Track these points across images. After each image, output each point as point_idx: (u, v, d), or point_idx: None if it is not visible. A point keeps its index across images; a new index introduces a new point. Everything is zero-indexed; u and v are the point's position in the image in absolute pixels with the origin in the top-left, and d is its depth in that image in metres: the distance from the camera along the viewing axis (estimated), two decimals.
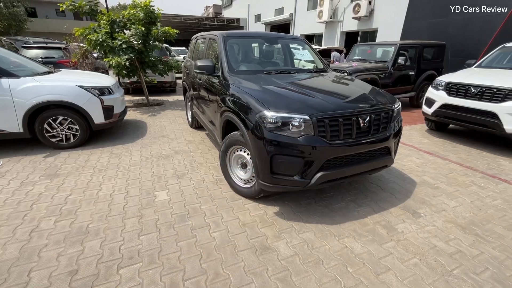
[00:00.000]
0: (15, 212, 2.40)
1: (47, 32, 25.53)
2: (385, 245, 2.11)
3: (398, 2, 11.45)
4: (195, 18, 26.77)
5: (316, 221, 2.38)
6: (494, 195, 2.87)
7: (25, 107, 3.50)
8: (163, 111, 6.40)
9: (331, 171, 2.20)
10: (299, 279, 1.77)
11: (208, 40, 3.81)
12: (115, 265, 1.84)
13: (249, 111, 2.30)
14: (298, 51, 4.06)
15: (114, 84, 4.37)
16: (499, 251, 2.06)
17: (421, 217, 2.46)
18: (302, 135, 2.10)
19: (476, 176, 3.30)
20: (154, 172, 3.25)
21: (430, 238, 2.19)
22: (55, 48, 7.61)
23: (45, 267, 1.81)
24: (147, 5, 5.79)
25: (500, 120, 3.72)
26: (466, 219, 2.45)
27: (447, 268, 1.88)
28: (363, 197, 2.79)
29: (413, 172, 3.39)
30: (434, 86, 4.74)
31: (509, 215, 2.52)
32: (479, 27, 8.22)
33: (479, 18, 8.23)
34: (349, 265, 1.90)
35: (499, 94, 3.77)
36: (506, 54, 4.93)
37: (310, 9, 18.09)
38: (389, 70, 6.36)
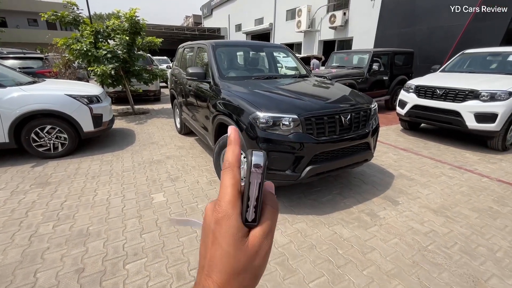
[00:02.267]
0: (10, 219, 2.40)
1: (17, 43, 24.48)
2: (370, 229, 2.34)
3: (369, 13, 12.31)
4: (176, 28, 26.85)
5: (307, 213, 2.58)
6: (460, 183, 3.23)
7: (11, 117, 3.46)
8: (149, 119, 6.43)
9: (319, 165, 2.42)
10: (295, 262, 1.95)
11: (197, 49, 3.98)
12: (121, 262, 1.92)
13: (242, 113, 2.49)
14: (283, 58, 4.34)
15: (102, 92, 4.40)
16: (465, 228, 2.36)
17: (399, 204, 2.74)
18: (292, 133, 2.32)
19: (445, 168, 3.67)
20: (148, 176, 3.33)
21: (408, 221, 2.45)
22: (33, 58, 7.43)
23: (50, 267, 1.86)
24: (132, 16, 5.88)
25: (463, 117, 4.17)
26: (437, 204, 2.75)
27: (422, 245, 2.14)
28: (348, 190, 3.04)
29: (391, 166, 3.71)
30: (405, 89, 5.19)
31: (474, 199, 2.86)
32: (442, 36, 9.05)
33: (442, 28, 9.07)
34: (339, 247, 2.10)
35: (461, 94, 4.23)
36: (465, 60, 5.52)
37: (289, 19, 18.84)
38: (365, 76, 6.84)
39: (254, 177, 0.28)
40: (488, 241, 2.20)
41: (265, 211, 0.30)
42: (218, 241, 0.28)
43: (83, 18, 6.05)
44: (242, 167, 2.78)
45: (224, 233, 0.28)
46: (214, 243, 0.28)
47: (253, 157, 0.29)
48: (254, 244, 0.28)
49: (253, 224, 0.29)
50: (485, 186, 3.14)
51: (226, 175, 0.30)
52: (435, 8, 9.17)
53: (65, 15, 5.74)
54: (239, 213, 0.29)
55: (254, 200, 0.29)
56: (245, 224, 0.29)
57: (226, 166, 0.30)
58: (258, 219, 0.29)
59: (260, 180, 0.29)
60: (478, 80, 4.37)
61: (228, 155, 0.31)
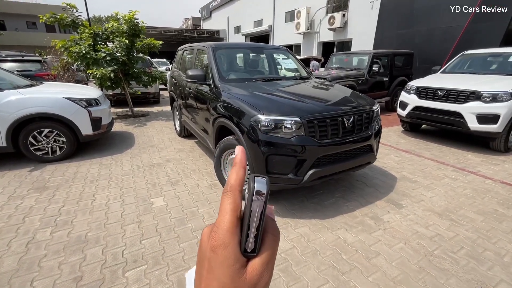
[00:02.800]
0: (7, 226, 2.34)
1: (17, 46, 24.44)
2: (374, 233, 2.30)
3: (369, 14, 12.32)
4: (175, 30, 26.88)
5: (309, 217, 2.54)
6: (464, 185, 3.19)
7: (9, 121, 3.42)
8: (149, 122, 6.38)
9: (322, 168, 2.38)
10: (299, 268, 1.90)
11: (196, 51, 3.95)
12: (120, 269, 1.88)
13: (243, 116, 2.45)
14: (283, 60, 4.31)
15: (100, 95, 4.36)
16: (471, 232, 2.32)
17: (403, 208, 2.70)
18: (294, 136, 2.28)
19: (447, 170, 3.64)
20: (148, 180, 3.28)
21: (412, 225, 2.41)
22: (31, 61, 7.39)
23: (47, 276, 1.81)
24: (131, 18, 5.85)
25: (465, 119, 4.14)
26: (441, 207, 2.71)
27: (428, 249, 2.09)
28: (350, 193, 2.99)
29: (393, 169, 3.67)
30: (406, 91, 5.16)
31: (478, 202, 2.82)
32: (442, 37, 9.05)
33: (441, 29, 9.07)
34: (343, 253, 2.06)
35: (462, 95, 4.21)
36: (466, 61, 5.50)
37: (288, 21, 18.87)
38: (365, 77, 6.82)
39: (256, 205, 0.26)
40: (494, 245, 2.16)
41: (266, 239, 0.28)
42: (214, 271, 0.26)
43: (82, 21, 6.03)
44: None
45: (220, 263, 0.26)
46: (209, 272, 0.27)
47: (256, 184, 0.26)
48: (253, 276, 0.26)
49: (252, 254, 0.27)
50: (489, 188, 3.10)
51: (226, 199, 0.28)
52: (434, 9, 9.17)
53: (64, 17, 5.70)
54: (237, 242, 0.27)
55: (254, 229, 0.27)
56: (244, 254, 0.27)
57: (228, 189, 0.28)
58: (258, 249, 0.27)
59: (262, 208, 0.26)
60: (480, 81, 4.35)
61: (231, 177, 0.28)
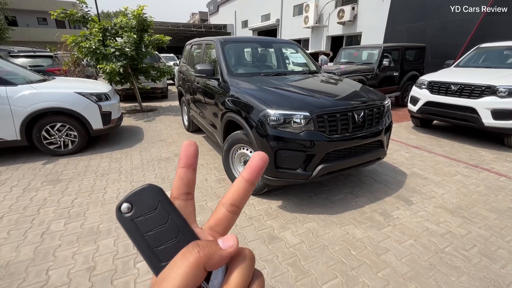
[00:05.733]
0: (23, 216, 2.42)
1: (28, 41, 24.89)
2: (383, 230, 2.28)
3: (379, 7, 12.02)
4: (182, 25, 26.85)
5: (318, 212, 2.53)
6: (477, 183, 3.11)
7: (22, 115, 3.50)
8: (157, 117, 6.44)
9: (331, 164, 2.36)
10: (307, 263, 1.90)
11: (205, 45, 3.94)
12: (132, 260, 1.92)
13: (252, 110, 2.44)
14: (292, 54, 4.26)
15: (110, 90, 4.41)
16: (484, 230, 2.27)
17: (413, 204, 2.66)
18: (303, 131, 2.26)
19: (460, 167, 3.56)
20: (157, 174, 3.32)
21: (423, 222, 2.38)
22: (43, 56, 7.52)
23: (62, 265, 1.86)
24: (139, 14, 5.87)
25: (479, 114, 4.03)
26: (453, 204, 2.66)
27: (439, 247, 2.06)
28: (359, 189, 2.97)
29: (403, 165, 3.61)
30: (417, 85, 5.04)
31: (492, 199, 2.76)
32: (455, 30, 8.77)
33: (454, 22, 8.79)
34: (352, 248, 2.05)
35: (477, 90, 4.08)
36: (481, 54, 5.32)
37: (296, 15, 18.59)
38: (375, 72, 6.68)
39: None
40: (508, 243, 2.11)
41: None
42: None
43: (91, 16, 6.08)
44: (244, 163, 2.74)
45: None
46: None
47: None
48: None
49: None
50: (503, 186, 3.03)
51: (185, 255, 0.23)
52: (447, 1, 8.88)
53: (74, 13, 5.76)
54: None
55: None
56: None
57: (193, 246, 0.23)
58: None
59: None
60: (495, 75, 4.20)
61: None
